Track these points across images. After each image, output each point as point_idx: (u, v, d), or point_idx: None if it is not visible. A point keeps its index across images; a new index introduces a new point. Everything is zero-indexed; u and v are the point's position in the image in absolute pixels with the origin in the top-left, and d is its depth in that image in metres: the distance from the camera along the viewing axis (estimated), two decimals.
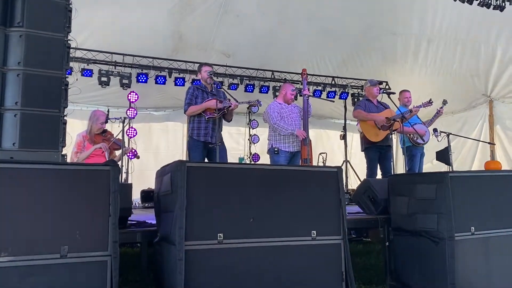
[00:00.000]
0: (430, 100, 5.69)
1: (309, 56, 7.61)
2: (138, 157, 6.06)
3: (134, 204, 5.77)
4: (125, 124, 5.03)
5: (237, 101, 4.71)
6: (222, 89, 5.05)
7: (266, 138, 5.25)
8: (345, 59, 7.77)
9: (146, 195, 5.74)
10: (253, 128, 8.22)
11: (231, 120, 5.05)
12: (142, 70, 6.80)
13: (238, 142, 8.53)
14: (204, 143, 4.71)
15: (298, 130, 4.86)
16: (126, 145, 6.28)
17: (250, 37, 6.95)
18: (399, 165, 6.86)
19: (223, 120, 4.87)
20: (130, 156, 6.43)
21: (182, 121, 8.23)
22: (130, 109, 6.89)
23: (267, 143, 5.13)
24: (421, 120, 5.94)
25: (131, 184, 3.21)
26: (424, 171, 5.91)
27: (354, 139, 9.06)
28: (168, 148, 8.09)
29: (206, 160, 4.74)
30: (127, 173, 6.47)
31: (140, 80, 6.81)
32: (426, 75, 7.86)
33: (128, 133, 6.80)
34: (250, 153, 8.18)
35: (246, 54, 7.27)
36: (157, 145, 8.04)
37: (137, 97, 6.92)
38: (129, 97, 6.85)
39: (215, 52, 7.10)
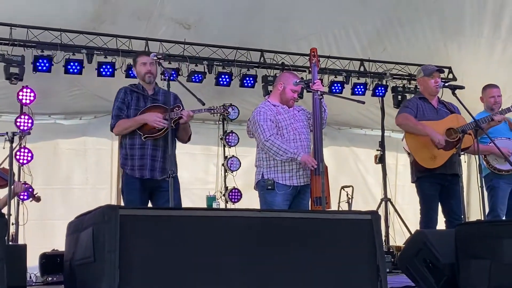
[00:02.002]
0: None
1: (322, 26, 7.69)
2: (37, 200, 6.01)
3: (29, 279, 5.69)
4: (14, 144, 4.99)
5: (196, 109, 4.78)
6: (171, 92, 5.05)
7: (253, 163, 5.27)
8: (381, 30, 7.88)
9: (50, 262, 5.66)
10: (230, 146, 8.24)
11: (188, 139, 5.12)
12: (42, 51, 6.78)
13: (206, 170, 8.53)
14: (141, 180, 4.76)
15: (304, 156, 4.88)
16: (16, 178, 6.21)
17: None
18: (475, 205, 6.92)
19: (174, 138, 4.94)
20: (23, 197, 6.35)
21: (110, 136, 8.19)
22: (22, 117, 6.83)
23: (255, 171, 5.15)
24: None
25: (24, 246, 3.18)
26: None
27: (400, 162, 9.15)
28: (87, 181, 8.03)
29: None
30: (16, 224, 6.39)
31: (40, 67, 6.78)
32: None
33: (18, 156, 6.72)
34: (226, 189, 8.18)
35: (216, 24, 7.30)
36: (68, 177, 7.98)
37: (34, 97, 6.84)
38: (21, 97, 6.77)
39: (166, 21, 7.13)
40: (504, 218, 5.74)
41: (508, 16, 7.60)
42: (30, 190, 5.80)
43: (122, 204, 7.67)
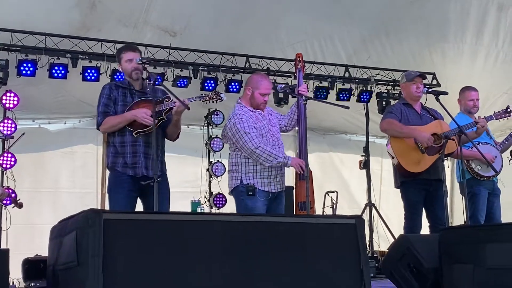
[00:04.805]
0: (508, 108, 5.81)
1: (308, 33, 7.73)
2: (20, 206, 5.93)
3: (12, 284, 5.63)
4: None
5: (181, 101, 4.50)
6: (161, 86, 4.94)
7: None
8: (366, 38, 7.92)
9: (33, 268, 5.61)
10: (215, 152, 8.23)
11: (177, 137, 4.87)
12: (27, 55, 6.74)
13: (193, 175, 8.49)
14: (134, 178, 4.64)
15: (294, 159, 4.88)
16: None
17: (208, 3, 7.01)
18: (458, 211, 6.95)
19: (163, 136, 4.78)
20: (5, 202, 6.29)
21: (95, 140, 8.15)
22: (6, 121, 6.79)
23: (230, 177, 4.99)
24: (493, 137, 6.07)
25: (7, 251, 3.14)
26: (505, 220, 5.93)
27: (385, 167, 9.19)
28: (74, 184, 7.98)
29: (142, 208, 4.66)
30: None
31: (24, 71, 6.74)
32: (497, 64, 8.08)
33: (1, 161, 6.67)
34: (211, 194, 8.16)
35: (202, 32, 7.30)
36: (55, 180, 7.92)
37: (18, 101, 6.81)
38: (4, 101, 6.75)
39: (152, 28, 7.12)
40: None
41: (491, 23, 7.69)
42: (13, 196, 5.73)
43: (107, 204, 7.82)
